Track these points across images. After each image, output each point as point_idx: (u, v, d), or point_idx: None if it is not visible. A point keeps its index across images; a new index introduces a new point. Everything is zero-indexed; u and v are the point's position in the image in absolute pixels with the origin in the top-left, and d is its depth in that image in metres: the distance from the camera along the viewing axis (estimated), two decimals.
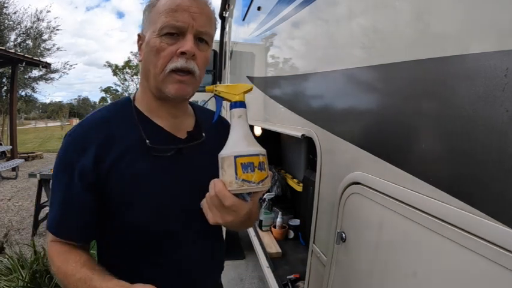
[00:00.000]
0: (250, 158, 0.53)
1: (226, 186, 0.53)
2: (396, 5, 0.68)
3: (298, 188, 2.04)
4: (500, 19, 0.43)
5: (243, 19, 2.74)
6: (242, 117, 0.58)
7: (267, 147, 0.59)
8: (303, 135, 1.17)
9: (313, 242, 1.09)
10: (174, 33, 0.62)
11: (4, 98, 8.78)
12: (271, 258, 1.77)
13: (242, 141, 0.56)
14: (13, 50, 6.70)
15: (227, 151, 0.55)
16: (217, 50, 4.12)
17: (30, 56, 6.97)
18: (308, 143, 1.89)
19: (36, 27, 9.41)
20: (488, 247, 0.43)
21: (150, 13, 0.66)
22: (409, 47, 0.63)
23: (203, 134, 0.75)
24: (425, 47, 0.58)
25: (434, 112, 0.55)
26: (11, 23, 8.94)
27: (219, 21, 4.03)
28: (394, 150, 0.66)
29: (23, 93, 10.23)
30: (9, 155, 7.22)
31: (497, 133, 0.43)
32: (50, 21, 9.78)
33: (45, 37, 9.70)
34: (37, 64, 7.27)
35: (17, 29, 9.13)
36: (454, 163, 0.50)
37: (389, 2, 0.70)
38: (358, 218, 0.79)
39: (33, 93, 10.55)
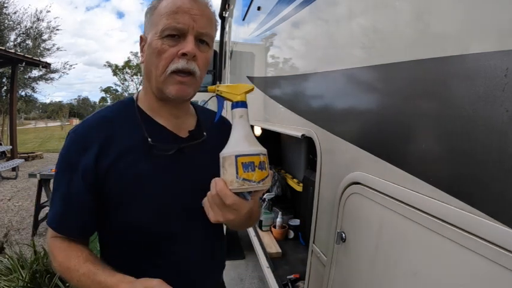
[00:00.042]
0: (251, 157, 0.54)
1: (227, 185, 0.54)
2: (396, 5, 0.68)
3: (298, 188, 2.04)
4: (500, 19, 0.43)
5: (243, 19, 2.74)
6: (243, 117, 0.59)
7: (267, 147, 0.60)
8: (303, 135, 1.17)
9: (313, 242, 1.09)
10: (175, 35, 0.63)
11: (4, 98, 8.78)
12: (271, 258, 1.77)
13: (243, 141, 0.56)
14: (13, 50, 6.70)
15: (228, 150, 0.56)
16: (217, 50, 4.12)
17: (30, 56, 6.97)
18: (308, 143, 1.89)
19: (36, 27, 9.43)
20: (488, 247, 0.43)
21: (152, 15, 0.66)
22: (409, 47, 0.63)
23: (204, 134, 0.76)
24: (425, 47, 0.58)
25: (435, 112, 0.55)
26: (11, 23, 8.95)
27: (219, 21, 4.03)
28: (394, 150, 0.66)
29: (23, 93, 10.24)
30: (9, 155, 7.23)
31: (497, 133, 0.43)
32: (50, 21, 9.83)
33: (45, 37, 9.74)
34: (37, 64, 7.28)
35: (17, 29, 9.14)
36: (454, 163, 0.50)
37: (389, 2, 0.70)
38: (358, 218, 0.79)
39: (33, 93, 10.59)
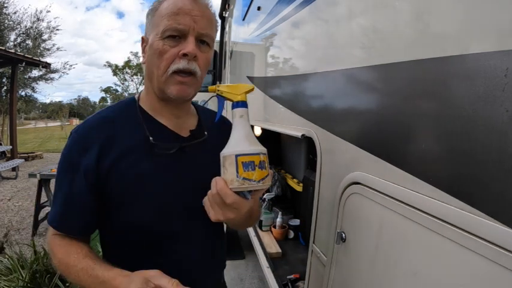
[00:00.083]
0: (251, 156, 0.54)
1: (228, 184, 0.54)
2: (396, 5, 0.68)
3: (298, 188, 2.04)
4: (500, 19, 0.43)
5: (243, 19, 2.74)
6: (244, 116, 0.59)
7: (267, 147, 0.60)
8: (303, 135, 1.17)
9: (313, 242, 1.09)
10: (176, 36, 0.64)
11: (4, 98, 8.78)
12: (271, 258, 1.77)
13: (243, 140, 0.57)
14: (13, 50, 6.70)
15: (229, 150, 0.56)
16: (217, 50, 4.12)
17: (30, 56, 6.97)
18: (308, 143, 1.89)
19: (36, 27, 9.43)
20: (488, 247, 0.43)
21: (153, 17, 0.67)
22: (409, 47, 0.63)
23: (205, 133, 0.77)
24: (425, 47, 0.58)
25: (434, 112, 0.55)
26: (11, 23, 8.95)
27: (219, 21, 4.03)
28: (394, 150, 0.66)
29: (23, 93, 10.24)
30: (9, 155, 7.23)
31: (497, 133, 0.43)
32: (50, 21, 9.82)
33: (45, 37, 9.73)
34: (37, 64, 7.28)
35: (17, 29, 9.14)
36: (454, 163, 0.50)
37: (389, 2, 0.70)
38: (358, 218, 0.79)
39: (33, 93, 10.59)
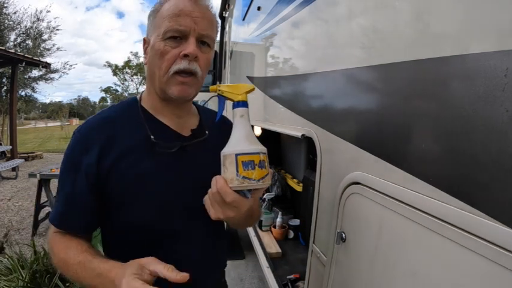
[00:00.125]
0: (251, 156, 0.55)
1: (228, 183, 0.55)
2: (396, 5, 0.68)
3: (298, 188, 2.04)
4: (500, 19, 0.43)
5: (243, 19, 2.74)
6: (244, 116, 0.60)
7: (267, 147, 0.60)
8: (303, 135, 1.17)
9: (313, 242, 1.09)
10: (177, 37, 0.65)
11: (4, 98, 8.78)
12: (271, 258, 1.77)
13: (244, 140, 0.57)
14: (13, 50, 6.70)
15: (229, 149, 0.57)
16: (217, 50, 4.12)
17: (30, 56, 6.97)
18: (308, 143, 1.89)
19: (36, 27, 9.42)
20: (488, 247, 0.43)
21: (155, 18, 0.68)
22: (409, 47, 0.63)
23: (206, 132, 0.77)
24: (425, 47, 0.58)
25: (434, 112, 0.55)
26: (11, 23, 8.94)
27: (219, 21, 4.03)
28: (394, 150, 0.66)
29: (23, 93, 10.23)
30: (9, 155, 7.22)
31: (497, 133, 0.43)
32: (50, 21, 9.81)
33: (45, 37, 9.72)
34: (37, 64, 7.27)
35: (16, 29, 9.13)
36: (454, 163, 0.50)
37: (389, 2, 0.70)
38: (358, 218, 0.79)
39: (33, 93, 10.57)
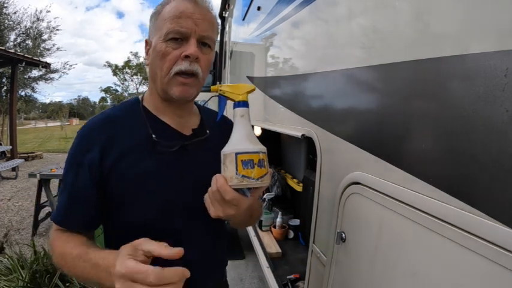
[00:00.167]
0: (251, 155, 0.56)
1: (227, 182, 0.56)
2: (396, 5, 0.68)
3: (298, 188, 2.04)
4: (500, 19, 0.43)
5: (243, 19, 2.74)
6: (245, 116, 0.61)
7: (267, 147, 0.61)
8: (303, 135, 1.17)
9: (313, 242, 1.09)
10: (179, 38, 0.66)
11: (4, 98, 8.77)
12: (271, 258, 1.77)
13: (244, 139, 0.58)
14: (13, 50, 6.69)
15: (229, 148, 0.58)
16: (217, 50, 4.12)
17: (30, 56, 6.97)
18: (308, 143, 1.89)
19: (36, 27, 9.41)
20: (488, 247, 0.43)
21: (156, 20, 0.69)
22: (409, 47, 0.63)
23: (207, 131, 0.78)
24: (425, 47, 0.58)
25: (434, 112, 0.55)
26: (11, 23, 8.93)
27: (219, 21, 4.04)
28: (394, 150, 0.66)
29: (23, 93, 10.22)
30: (9, 155, 7.22)
31: (497, 133, 0.43)
32: (50, 21, 9.81)
33: (45, 37, 9.71)
34: (37, 64, 7.27)
35: (16, 29, 9.13)
36: (454, 163, 0.50)
37: (389, 2, 0.70)
38: (358, 218, 0.79)
39: (33, 93, 10.56)
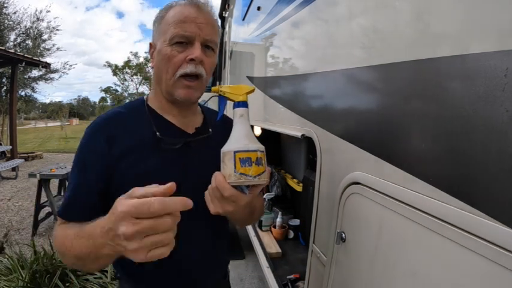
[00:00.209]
0: (249, 153, 0.57)
1: (226, 179, 0.57)
2: (396, 5, 0.68)
3: (298, 188, 2.05)
4: (500, 19, 0.43)
5: (243, 19, 2.74)
6: (244, 116, 0.63)
7: (267, 147, 0.61)
8: (302, 135, 1.17)
9: (313, 242, 1.09)
10: (183, 42, 0.68)
11: (4, 98, 8.77)
12: (271, 258, 1.77)
13: (242, 138, 0.60)
14: (13, 50, 6.69)
15: (228, 147, 0.60)
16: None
17: (30, 56, 6.96)
18: (308, 143, 1.89)
19: (36, 27, 9.41)
20: (488, 247, 0.43)
21: (160, 24, 0.71)
22: (409, 47, 0.63)
23: (210, 130, 0.80)
24: (425, 47, 0.58)
25: (434, 112, 0.55)
26: (11, 23, 8.93)
27: (219, 21, 4.04)
28: (394, 150, 0.66)
29: (23, 93, 10.22)
30: (9, 155, 7.22)
31: (497, 133, 0.43)
32: (50, 21, 9.81)
33: (45, 37, 9.71)
34: (37, 64, 7.27)
35: (16, 29, 9.12)
36: (454, 163, 0.50)
37: (389, 2, 0.70)
38: (358, 218, 0.79)
39: (33, 93, 10.55)
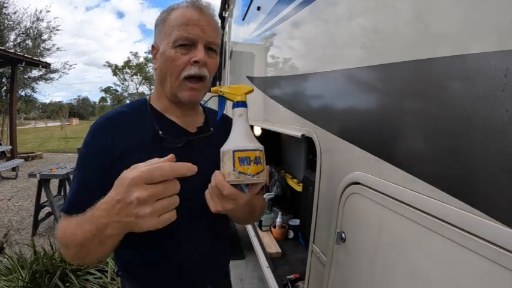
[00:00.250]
0: (247, 152, 0.58)
1: (225, 177, 0.58)
2: (396, 5, 0.68)
3: (298, 188, 2.04)
4: (500, 19, 0.43)
5: (243, 19, 2.74)
6: (243, 116, 0.64)
7: (267, 147, 0.62)
8: (302, 135, 1.17)
9: (313, 242, 1.09)
10: (187, 44, 0.69)
11: (4, 98, 8.77)
12: (271, 258, 1.77)
13: (241, 138, 0.61)
14: (13, 50, 6.69)
15: (227, 146, 0.60)
16: None
17: (30, 56, 6.97)
18: (308, 143, 1.89)
19: (35, 27, 9.42)
20: (488, 247, 0.43)
21: (163, 27, 0.72)
22: (409, 47, 0.63)
23: (211, 129, 0.81)
24: (425, 47, 0.58)
25: (434, 112, 0.55)
26: (11, 23, 8.93)
27: (219, 21, 4.04)
28: (394, 150, 0.66)
29: (23, 93, 10.22)
30: (9, 155, 7.22)
31: (497, 133, 0.43)
32: (50, 21, 9.82)
33: (45, 37, 9.72)
34: (37, 64, 7.27)
35: (16, 29, 9.13)
36: (454, 163, 0.50)
37: (389, 2, 0.70)
38: (358, 218, 0.79)
39: (33, 93, 10.56)
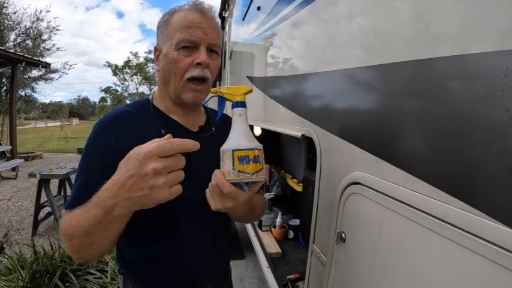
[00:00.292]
0: (247, 151, 0.59)
1: (225, 176, 0.59)
2: (396, 5, 0.68)
3: (298, 188, 2.05)
4: (500, 19, 0.43)
5: (243, 19, 2.74)
6: (242, 115, 0.64)
7: (267, 147, 0.62)
8: (302, 135, 1.17)
9: (313, 242, 1.09)
10: (190, 47, 0.70)
11: (4, 98, 8.76)
12: (271, 258, 1.77)
13: (241, 137, 0.62)
14: (13, 50, 6.69)
15: (227, 145, 0.62)
16: None
17: (30, 56, 6.97)
18: (308, 143, 1.89)
19: (35, 27, 9.42)
20: (488, 247, 0.43)
21: (166, 29, 0.73)
22: (409, 47, 0.63)
23: (213, 128, 0.82)
24: (425, 47, 0.58)
25: (434, 112, 0.55)
26: (11, 23, 8.93)
27: (219, 21, 4.04)
28: (394, 150, 0.66)
29: (23, 93, 10.22)
30: (9, 155, 7.23)
31: (497, 133, 0.43)
32: (50, 21, 9.82)
33: (45, 37, 9.72)
34: (37, 64, 7.27)
35: (16, 29, 9.13)
36: (454, 163, 0.50)
37: (389, 2, 0.70)
38: (358, 218, 0.79)
39: (33, 93, 10.56)
